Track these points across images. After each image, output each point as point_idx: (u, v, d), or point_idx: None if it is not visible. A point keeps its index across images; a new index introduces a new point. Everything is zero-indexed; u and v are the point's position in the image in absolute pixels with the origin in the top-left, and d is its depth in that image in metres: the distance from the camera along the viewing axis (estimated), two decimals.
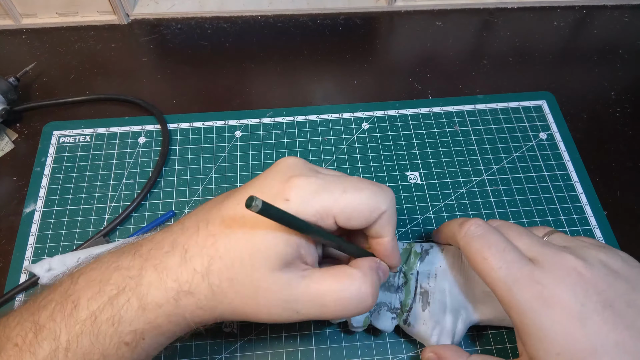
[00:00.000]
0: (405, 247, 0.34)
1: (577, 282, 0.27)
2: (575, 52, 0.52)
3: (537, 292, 0.27)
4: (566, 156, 0.44)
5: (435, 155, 0.44)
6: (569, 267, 0.27)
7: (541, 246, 0.29)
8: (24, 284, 0.36)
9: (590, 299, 0.26)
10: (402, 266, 0.33)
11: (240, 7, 0.54)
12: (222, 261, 0.25)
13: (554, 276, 0.27)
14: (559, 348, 0.26)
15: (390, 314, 0.33)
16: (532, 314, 0.27)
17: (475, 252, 0.29)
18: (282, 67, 0.50)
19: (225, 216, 0.26)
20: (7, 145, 0.44)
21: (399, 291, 0.33)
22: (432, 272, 0.33)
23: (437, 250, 0.34)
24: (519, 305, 0.27)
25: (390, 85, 0.49)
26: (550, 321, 0.26)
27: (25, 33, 0.52)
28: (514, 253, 0.29)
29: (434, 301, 0.32)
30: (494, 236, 0.29)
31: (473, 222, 0.31)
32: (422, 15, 0.54)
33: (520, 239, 0.30)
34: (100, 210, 0.40)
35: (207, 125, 0.45)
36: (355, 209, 0.26)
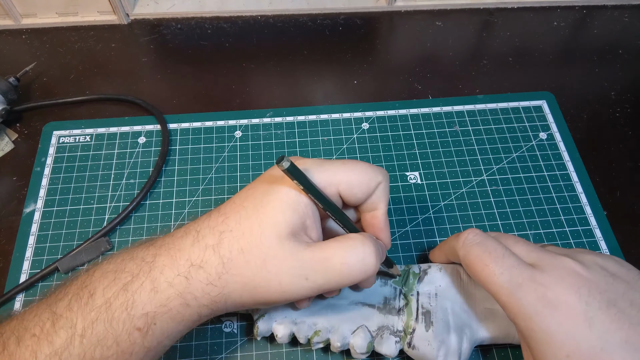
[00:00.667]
0: (403, 268, 0.34)
1: (579, 282, 0.27)
2: (575, 52, 0.52)
3: (540, 294, 0.27)
4: (566, 156, 0.44)
5: (435, 155, 0.44)
6: (568, 268, 0.28)
7: (539, 251, 0.29)
8: (24, 283, 0.36)
9: (594, 297, 0.26)
10: (402, 288, 0.33)
11: (240, 7, 0.54)
12: (233, 234, 0.26)
13: (555, 278, 0.27)
14: (567, 350, 0.26)
15: (393, 337, 0.32)
16: (537, 318, 0.26)
17: (475, 259, 0.29)
18: (282, 67, 0.50)
19: (235, 199, 0.28)
20: (7, 145, 0.44)
21: (401, 313, 0.32)
22: (432, 292, 0.33)
23: (435, 269, 0.34)
24: (524, 309, 0.27)
25: (390, 85, 0.49)
26: (557, 323, 0.26)
27: (25, 33, 0.52)
28: (513, 258, 0.29)
29: (437, 320, 0.31)
30: (492, 243, 0.30)
31: (470, 231, 0.31)
32: (422, 15, 0.54)
33: (517, 246, 0.30)
34: (100, 210, 0.40)
35: (207, 125, 0.45)
36: (356, 178, 0.28)
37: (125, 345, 0.25)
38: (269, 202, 0.27)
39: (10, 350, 0.24)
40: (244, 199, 0.28)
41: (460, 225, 0.40)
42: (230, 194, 0.41)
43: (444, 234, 0.40)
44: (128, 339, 0.25)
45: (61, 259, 0.37)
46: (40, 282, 0.37)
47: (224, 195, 0.41)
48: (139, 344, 0.25)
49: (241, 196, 0.28)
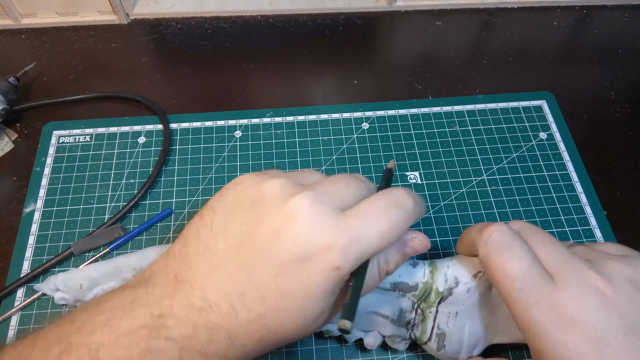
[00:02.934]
0: (425, 281, 0.31)
1: (599, 304, 0.25)
2: (575, 52, 0.52)
3: (556, 315, 0.25)
4: (566, 156, 0.44)
5: (435, 155, 0.44)
6: (591, 286, 0.26)
7: (565, 259, 0.27)
8: (25, 277, 0.37)
9: (612, 324, 0.25)
10: (421, 303, 0.31)
11: (240, 7, 0.54)
12: (275, 334, 0.24)
13: (575, 297, 0.26)
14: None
15: (404, 342, 0.32)
16: (546, 336, 0.25)
17: (497, 265, 0.27)
18: (282, 67, 0.50)
19: (264, 292, 0.24)
20: (7, 145, 0.44)
21: (415, 328, 0.31)
22: (452, 312, 0.30)
23: (462, 289, 0.30)
24: (536, 327, 0.26)
25: (390, 85, 0.49)
26: (565, 344, 0.25)
27: (25, 33, 0.52)
28: (538, 272, 0.27)
29: (451, 344, 0.31)
30: (519, 251, 0.27)
31: (495, 228, 0.28)
32: (422, 15, 0.54)
33: (544, 247, 0.28)
34: (100, 210, 0.40)
35: (207, 125, 0.45)
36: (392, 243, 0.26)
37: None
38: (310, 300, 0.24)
39: None
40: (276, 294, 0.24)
41: (460, 225, 0.40)
42: None
43: (444, 234, 0.40)
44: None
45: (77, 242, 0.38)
46: (56, 266, 0.37)
47: None
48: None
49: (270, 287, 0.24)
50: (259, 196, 0.25)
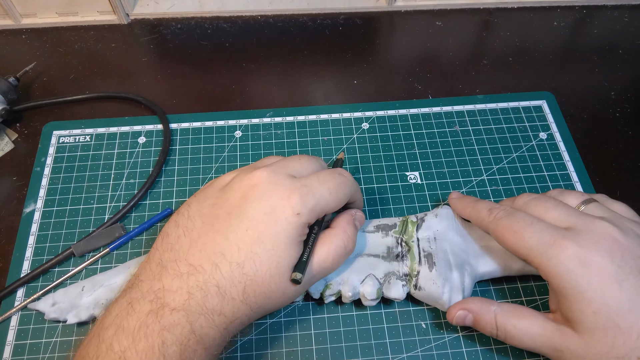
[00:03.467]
0: (402, 219, 0.37)
1: (613, 246, 0.28)
2: (575, 52, 0.52)
3: (573, 254, 0.28)
4: (566, 156, 0.44)
5: (435, 155, 0.44)
6: (605, 232, 0.28)
7: (576, 215, 0.30)
8: (25, 277, 0.37)
9: (626, 262, 0.27)
10: (402, 236, 0.36)
11: (240, 7, 0.54)
12: (254, 282, 0.28)
13: (589, 240, 0.28)
14: (595, 307, 0.27)
15: (400, 281, 0.34)
16: (568, 276, 0.28)
17: (504, 229, 0.31)
18: (282, 67, 0.50)
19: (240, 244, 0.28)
20: (7, 145, 0.44)
21: (404, 259, 0.35)
22: (431, 237, 0.35)
23: (431, 216, 0.36)
24: (556, 268, 0.28)
25: (390, 85, 0.49)
26: (587, 282, 0.27)
27: (25, 33, 0.52)
28: (542, 224, 0.30)
29: (439, 261, 0.34)
30: (521, 214, 0.31)
31: (501, 207, 0.33)
32: (422, 15, 0.54)
33: (555, 210, 0.31)
34: (100, 210, 0.40)
35: (207, 125, 0.45)
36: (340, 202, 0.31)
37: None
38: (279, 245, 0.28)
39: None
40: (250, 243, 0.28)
41: None
42: None
43: None
44: None
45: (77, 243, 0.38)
46: (56, 267, 0.37)
47: None
48: None
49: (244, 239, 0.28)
50: (227, 181, 0.31)
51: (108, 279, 0.35)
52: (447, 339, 0.35)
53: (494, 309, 0.31)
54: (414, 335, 0.35)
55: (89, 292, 0.34)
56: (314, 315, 0.36)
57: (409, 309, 0.36)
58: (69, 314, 0.34)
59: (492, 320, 0.31)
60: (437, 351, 0.34)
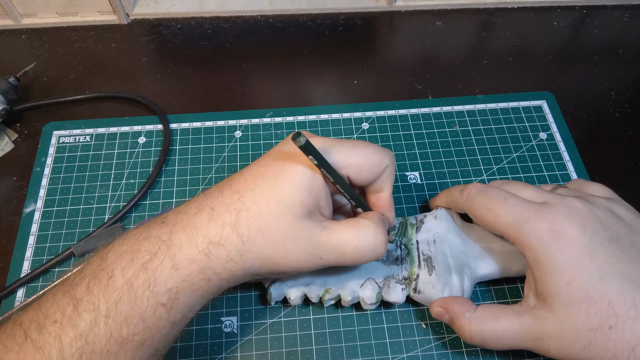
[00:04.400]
0: (400, 221, 0.36)
1: (584, 218, 0.28)
2: (575, 52, 0.52)
3: (546, 227, 0.28)
4: (566, 156, 0.44)
5: (435, 155, 0.44)
6: (576, 206, 0.29)
7: (548, 193, 0.31)
8: (25, 277, 0.37)
9: (597, 233, 0.28)
10: (402, 239, 0.35)
11: (240, 7, 0.54)
12: (250, 212, 0.27)
13: (561, 213, 0.29)
14: (568, 278, 0.27)
15: (399, 285, 0.34)
16: (542, 248, 0.28)
17: (480, 206, 0.31)
18: (282, 67, 0.50)
19: (247, 176, 0.28)
20: (7, 145, 0.44)
21: (404, 262, 0.34)
22: (430, 239, 0.35)
23: (430, 218, 0.36)
24: (531, 241, 0.29)
25: (390, 85, 0.49)
26: (560, 253, 0.28)
27: (25, 33, 0.52)
28: (516, 199, 0.30)
29: (438, 264, 0.34)
30: (493, 190, 0.32)
31: (472, 185, 0.33)
32: (422, 15, 0.54)
33: (526, 190, 0.32)
34: (100, 210, 0.40)
35: (207, 125, 0.45)
36: (365, 161, 0.30)
37: (151, 321, 0.25)
38: (284, 182, 0.27)
39: (32, 338, 0.24)
40: (256, 176, 0.28)
41: None
42: None
43: None
44: (154, 315, 0.25)
45: (77, 243, 0.38)
46: (57, 267, 0.38)
47: None
48: (165, 318, 0.26)
49: (252, 173, 0.28)
50: None
51: None
52: (447, 339, 0.35)
53: (469, 316, 0.30)
54: (414, 335, 0.35)
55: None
56: (314, 315, 0.36)
57: (409, 309, 0.36)
58: None
59: (466, 327, 0.30)
60: (437, 351, 0.34)
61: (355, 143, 0.30)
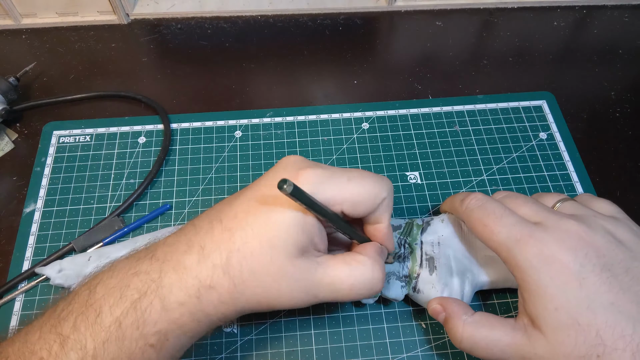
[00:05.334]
0: (407, 221, 0.36)
1: (577, 244, 0.28)
2: (575, 52, 0.52)
3: (537, 250, 0.28)
4: (566, 156, 0.44)
5: (435, 155, 0.44)
6: (571, 230, 0.28)
7: (546, 212, 0.30)
8: (25, 273, 0.37)
9: (589, 260, 0.27)
10: (407, 237, 0.35)
11: (240, 7, 0.54)
12: (241, 253, 0.26)
13: (555, 237, 0.28)
14: (557, 303, 0.27)
15: (399, 282, 0.34)
16: (532, 272, 0.28)
17: (476, 221, 0.31)
18: (282, 67, 0.50)
19: (238, 211, 0.27)
20: (7, 145, 0.44)
21: (406, 260, 0.34)
22: (434, 241, 0.35)
23: (437, 221, 0.36)
24: (520, 264, 0.28)
25: (390, 85, 0.49)
26: (549, 278, 0.27)
27: (25, 33, 0.52)
28: (513, 217, 0.30)
29: (440, 265, 0.33)
30: (492, 205, 0.31)
31: (473, 196, 0.32)
32: (422, 15, 0.54)
33: (525, 206, 0.31)
34: (100, 210, 0.40)
35: (207, 125, 0.45)
36: (360, 196, 0.28)
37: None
38: (276, 222, 0.26)
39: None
40: (247, 212, 0.27)
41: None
42: (230, 193, 0.41)
43: None
44: (142, 357, 0.25)
45: (77, 238, 0.38)
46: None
47: (224, 195, 0.41)
48: (154, 359, 0.25)
49: (244, 208, 0.27)
50: None
51: (115, 252, 0.36)
52: (447, 339, 0.35)
53: (464, 319, 0.30)
54: (414, 335, 0.35)
55: (95, 262, 0.35)
56: (314, 315, 0.36)
57: (409, 309, 0.36)
58: (74, 281, 0.35)
59: (459, 329, 0.30)
60: (437, 351, 0.34)
61: (350, 175, 0.28)
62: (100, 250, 0.37)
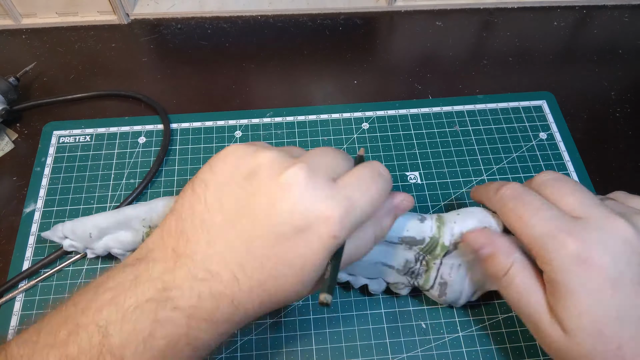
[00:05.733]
0: (432, 235, 0.32)
1: (621, 249, 0.25)
2: (575, 52, 0.52)
3: (573, 250, 0.26)
4: (566, 156, 0.44)
5: (435, 155, 0.44)
6: (618, 231, 0.26)
7: (592, 206, 0.27)
8: (25, 273, 0.37)
9: (631, 268, 0.25)
10: (426, 255, 0.32)
11: (240, 7, 0.54)
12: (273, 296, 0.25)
13: (597, 237, 0.26)
14: (580, 309, 0.25)
15: (407, 288, 0.34)
16: (563, 272, 0.26)
17: (509, 211, 0.29)
18: (282, 67, 0.50)
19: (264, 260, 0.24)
20: (7, 145, 0.44)
21: (419, 277, 0.33)
22: (455, 264, 0.32)
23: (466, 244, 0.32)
24: (553, 262, 0.26)
25: (390, 85, 0.49)
26: (580, 283, 0.25)
27: (25, 33, 0.52)
28: (551, 211, 0.27)
29: (452, 291, 0.32)
30: (529, 196, 0.28)
31: (509, 185, 0.30)
32: (422, 15, 0.54)
33: (572, 195, 0.28)
34: (100, 210, 0.40)
35: (207, 125, 0.45)
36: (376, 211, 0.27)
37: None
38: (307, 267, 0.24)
39: None
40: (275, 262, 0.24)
41: None
42: None
43: None
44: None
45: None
46: (57, 261, 0.38)
47: None
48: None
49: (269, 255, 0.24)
50: (253, 167, 0.25)
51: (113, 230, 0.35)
52: (447, 339, 0.35)
53: (515, 256, 0.28)
54: (414, 335, 0.35)
55: (97, 239, 0.35)
56: (314, 315, 0.36)
57: (409, 309, 0.36)
58: (85, 250, 0.36)
59: (506, 265, 0.28)
60: (437, 351, 0.34)
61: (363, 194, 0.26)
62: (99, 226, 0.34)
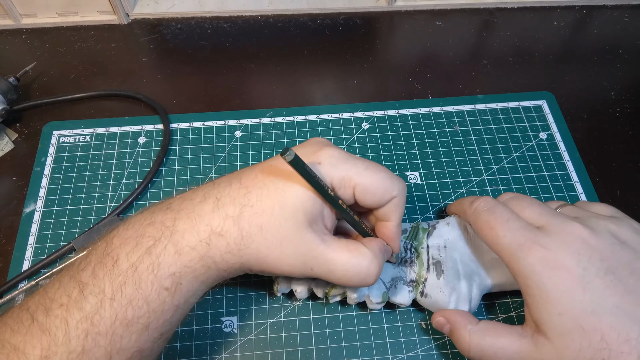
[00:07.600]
0: (413, 225, 0.36)
1: (581, 248, 0.28)
2: (575, 52, 0.52)
3: (540, 256, 0.28)
4: (566, 156, 0.44)
5: (435, 155, 0.44)
6: (575, 234, 0.28)
7: (550, 215, 0.30)
8: (25, 273, 0.37)
9: (593, 264, 0.27)
10: (412, 242, 0.35)
11: (240, 7, 0.54)
12: (253, 209, 0.28)
13: (558, 241, 0.28)
14: (560, 308, 0.27)
15: (406, 287, 0.34)
16: (535, 277, 0.28)
17: (483, 224, 0.31)
18: (282, 67, 0.50)
19: (258, 173, 0.29)
20: (7, 145, 0.44)
21: (413, 265, 0.34)
22: (441, 244, 0.35)
23: (443, 224, 0.36)
24: (523, 269, 0.28)
25: (390, 85, 0.49)
26: (553, 283, 0.27)
27: (25, 33, 0.52)
28: (518, 222, 0.30)
29: (447, 269, 0.33)
30: (499, 208, 0.31)
31: (482, 199, 0.33)
32: (422, 15, 0.54)
33: (529, 209, 0.31)
34: (100, 210, 0.40)
35: (207, 125, 0.45)
36: (372, 184, 0.29)
37: (155, 304, 0.26)
38: (292, 187, 0.28)
39: (39, 321, 0.25)
40: (266, 174, 0.29)
41: None
42: None
43: None
44: (157, 299, 0.26)
45: (77, 238, 0.38)
46: (57, 262, 0.38)
47: None
48: (168, 302, 0.27)
49: (263, 170, 0.29)
50: None
51: None
52: (447, 339, 0.35)
53: (470, 328, 0.30)
54: (414, 335, 0.35)
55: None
56: (314, 315, 0.36)
57: (409, 309, 0.36)
58: None
59: (465, 339, 0.30)
60: (437, 351, 0.34)
61: (369, 165, 0.30)
62: None
